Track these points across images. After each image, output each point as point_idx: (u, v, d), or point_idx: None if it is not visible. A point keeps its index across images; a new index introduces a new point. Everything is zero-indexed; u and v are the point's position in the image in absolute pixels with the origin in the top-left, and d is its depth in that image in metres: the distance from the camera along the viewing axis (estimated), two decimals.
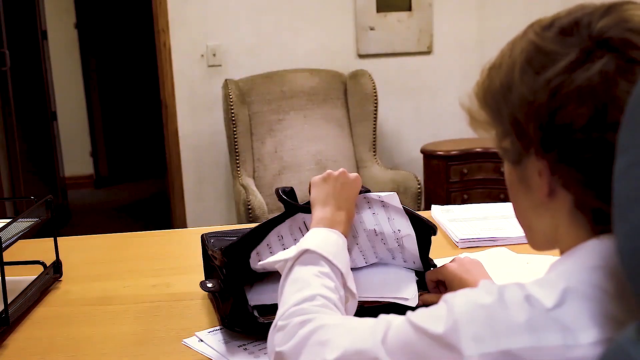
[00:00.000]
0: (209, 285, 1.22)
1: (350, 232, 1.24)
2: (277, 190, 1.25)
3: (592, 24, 0.74)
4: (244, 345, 1.18)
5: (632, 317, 0.67)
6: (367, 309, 1.20)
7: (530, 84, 0.76)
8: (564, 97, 0.73)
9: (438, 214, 1.79)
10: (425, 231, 1.30)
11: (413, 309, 1.00)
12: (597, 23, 0.74)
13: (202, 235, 1.36)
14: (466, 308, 0.73)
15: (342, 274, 1.01)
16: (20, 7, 4.55)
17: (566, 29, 0.75)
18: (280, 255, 1.11)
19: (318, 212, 1.13)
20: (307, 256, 1.02)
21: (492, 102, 0.81)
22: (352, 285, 1.03)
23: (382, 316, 0.85)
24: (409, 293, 1.23)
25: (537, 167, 0.77)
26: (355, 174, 1.19)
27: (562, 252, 0.80)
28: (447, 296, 0.76)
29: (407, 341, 0.77)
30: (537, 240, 0.85)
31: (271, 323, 0.96)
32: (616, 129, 0.68)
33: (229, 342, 1.19)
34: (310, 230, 1.09)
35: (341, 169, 1.18)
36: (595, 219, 0.75)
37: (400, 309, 1.23)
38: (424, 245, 1.31)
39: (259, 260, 1.21)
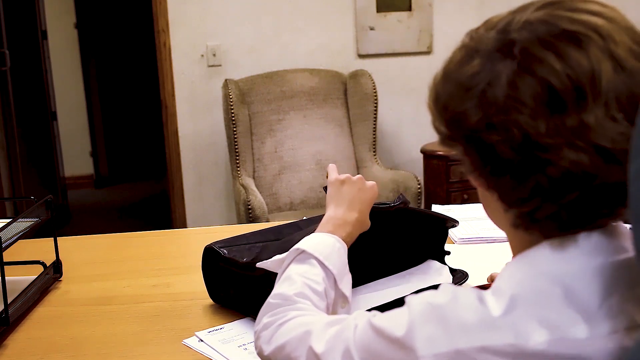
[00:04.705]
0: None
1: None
2: None
3: (516, 21, 0.74)
4: (244, 345, 1.18)
5: (583, 317, 0.69)
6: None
7: (438, 76, 0.80)
8: (451, 93, 0.76)
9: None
10: (441, 224, 1.35)
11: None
12: (521, 21, 0.74)
13: (207, 248, 1.33)
14: (421, 308, 0.75)
15: (334, 275, 1.02)
16: (20, 7, 4.55)
17: (501, 29, 0.75)
18: (279, 257, 1.11)
19: (330, 211, 1.14)
20: (301, 256, 1.03)
21: (431, 89, 0.83)
22: (345, 288, 1.03)
23: (354, 314, 0.86)
24: (444, 278, 1.25)
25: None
26: (372, 182, 1.19)
27: (514, 255, 0.81)
28: (408, 298, 0.78)
29: (368, 342, 0.79)
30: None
31: None
32: (494, 129, 0.72)
33: (229, 342, 1.19)
34: (310, 235, 1.10)
35: (359, 175, 1.19)
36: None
37: None
38: (440, 236, 1.36)
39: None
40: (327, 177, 1.21)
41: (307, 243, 1.05)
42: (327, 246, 1.05)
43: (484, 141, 0.73)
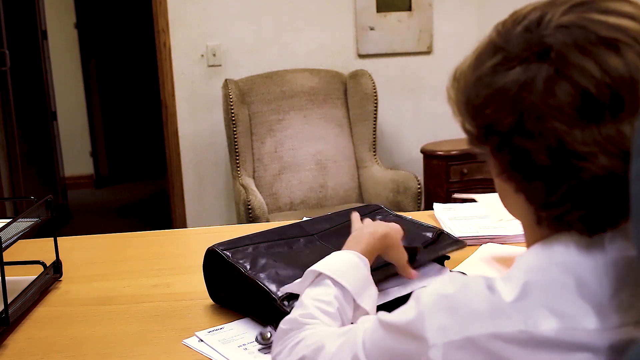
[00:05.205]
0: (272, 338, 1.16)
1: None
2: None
3: (547, 21, 0.73)
4: (244, 345, 1.18)
5: (594, 308, 0.70)
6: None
7: (468, 77, 0.79)
8: (485, 98, 0.75)
9: (440, 212, 1.80)
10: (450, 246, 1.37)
11: None
12: (552, 22, 0.72)
13: (210, 250, 1.32)
14: (431, 299, 0.76)
15: (350, 292, 1.01)
16: (20, 7, 4.55)
17: (529, 26, 0.75)
18: (299, 280, 1.12)
19: (353, 230, 1.16)
20: (318, 278, 1.03)
21: (455, 83, 0.83)
22: (365, 303, 1.03)
23: (360, 320, 0.88)
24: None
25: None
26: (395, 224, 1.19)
27: (527, 246, 0.82)
28: (416, 292, 0.79)
29: (378, 340, 0.80)
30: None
31: None
32: (530, 135, 0.71)
33: (229, 342, 1.19)
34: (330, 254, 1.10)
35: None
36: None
37: None
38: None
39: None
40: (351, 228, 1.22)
41: (322, 263, 1.05)
42: (343, 263, 1.04)
43: (518, 146, 0.73)
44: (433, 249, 1.31)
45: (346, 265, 1.04)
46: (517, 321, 0.71)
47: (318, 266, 1.04)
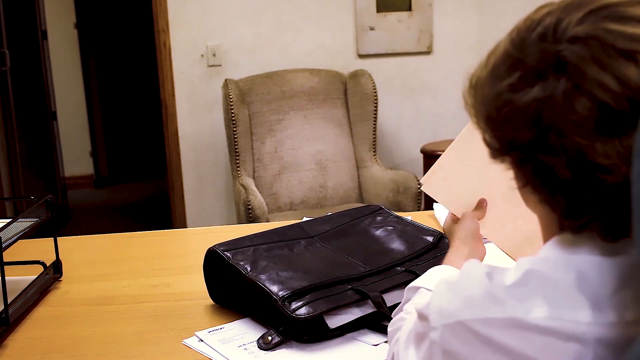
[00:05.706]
0: (273, 341, 1.19)
1: None
2: None
3: (562, 30, 0.72)
4: (244, 345, 1.18)
5: (590, 303, 0.71)
6: None
7: (486, 90, 0.78)
8: (506, 115, 0.75)
9: (440, 212, 1.80)
10: None
11: None
12: (568, 32, 0.71)
13: (210, 251, 1.32)
14: (439, 285, 0.83)
15: None
16: (20, 7, 4.55)
17: (544, 34, 0.73)
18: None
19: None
20: (418, 292, 1.10)
21: (472, 92, 0.82)
22: None
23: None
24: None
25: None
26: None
27: (544, 241, 0.83)
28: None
29: (414, 327, 0.88)
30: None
31: None
32: (552, 151, 0.71)
33: (229, 342, 1.19)
34: None
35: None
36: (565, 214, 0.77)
37: None
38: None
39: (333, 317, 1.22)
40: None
41: (417, 279, 1.10)
42: (433, 275, 1.09)
43: (540, 161, 0.73)
44: (435, 259, 1.30)
45: (436, 276, 1.09)
46: (509, 307, 0.73)
47: (414, 282, 1.10)
